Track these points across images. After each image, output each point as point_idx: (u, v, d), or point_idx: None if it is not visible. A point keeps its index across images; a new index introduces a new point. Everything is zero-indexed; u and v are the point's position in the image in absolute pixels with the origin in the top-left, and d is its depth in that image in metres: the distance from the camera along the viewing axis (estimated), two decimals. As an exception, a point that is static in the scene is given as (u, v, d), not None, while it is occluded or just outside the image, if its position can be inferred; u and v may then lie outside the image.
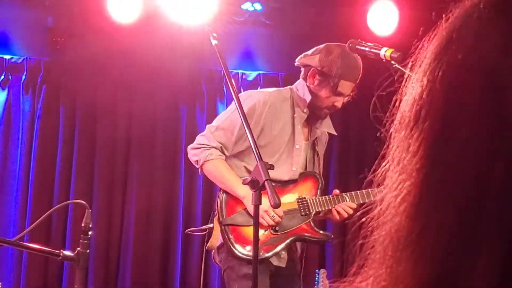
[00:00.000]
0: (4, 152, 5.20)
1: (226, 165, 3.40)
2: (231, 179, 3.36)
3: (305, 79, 3.44)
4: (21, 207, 5.15)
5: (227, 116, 3.47)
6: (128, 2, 4.89)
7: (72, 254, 2.28)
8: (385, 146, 0.62)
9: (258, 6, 5.27)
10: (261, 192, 3.35)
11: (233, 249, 3.31)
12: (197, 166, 3.44)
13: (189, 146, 3.49)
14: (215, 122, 3.48)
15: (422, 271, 0.54)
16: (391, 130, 0.61)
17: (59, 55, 5.21)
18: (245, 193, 3.29)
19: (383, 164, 0.62)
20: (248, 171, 3.39)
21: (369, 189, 3.42)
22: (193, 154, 3.44)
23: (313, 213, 3.46)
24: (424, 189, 0.55)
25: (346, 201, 3.43)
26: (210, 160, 3.37)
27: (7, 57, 5.26)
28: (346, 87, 3.38)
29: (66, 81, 5.30)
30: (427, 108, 0.56)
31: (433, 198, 0.54)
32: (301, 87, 3.49)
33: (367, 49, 2.95)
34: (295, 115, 3.48)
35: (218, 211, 3.40)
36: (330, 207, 3.44)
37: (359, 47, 3.00)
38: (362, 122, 5.47)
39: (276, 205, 2.53)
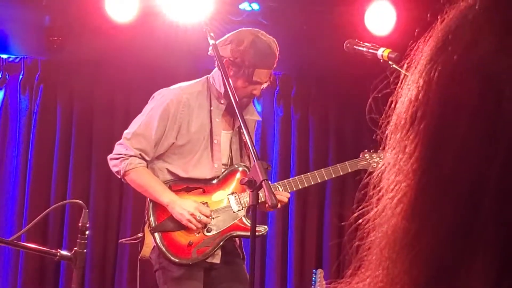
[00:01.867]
0: (1, 151, 5.20)
1: (147, 173, 3.33)
2: (153, 187, 3.30)
3: (219, 69, 3.30)
4: (18, 206, 5.15)
5: (142, 120, 3.38)
6: (125, 1, 4.89)
7: (69, 254, 2.29)
8: (381, 148, 0.62)
9: (255, 6, 5.27)
10: (184, 192, 3.34)
11: (168, 255, 3.28)
12: (119, 177, 3.38)
13: (108, 157, 3.42)
14: (130, 128, 3.40)
15: (418, 272, 0.54)
16: (387, 132, 0.61)
17: (56, 54, 5.21)
18: (169, 200, 3.26)
19: (379, 165, 0.62)
20: (171, 173, 3.36)
21: (302, 175, 3.42)
22: (113, 164, 3.37)
23: (245, 208, 3.38)
24: (420, 190, 0.55)
25: (279, 190, 3.36)
26: (130, 170, 3.29)
27: (4, 56, 5.26)
28: (262, 75, 3.31)
29: (63, 80, 5.30)
30: (423, 109, 0.56)
31: (429, 199, 0.54)
32: (217, 78, 3.39)
33: (364, 49, 2.96)
34: (211, 108, 3.39)
35: (147, 218, 3.36)
36: (262, 200, 3.38)
37: (356, 47, 3.00)
38: (358, 124, 5.47)
39: (274, 206, 2.53)
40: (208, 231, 3.32)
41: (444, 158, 0.54)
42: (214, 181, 3.38)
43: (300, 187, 3.42)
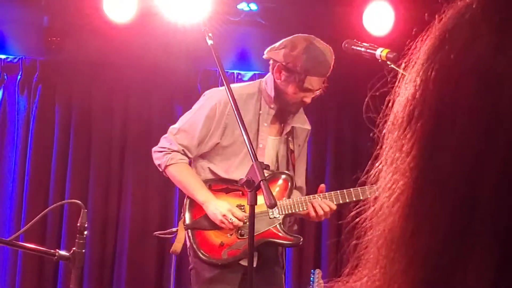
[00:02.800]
0: (-1, 152, 5.20)
1: (187, 169, 3.33)
2: (192, 184, 3.30)
3: (272, 73, 3.32)
4: (17, 206, 5.15)
5: (189, 117, 3.39)
6: (124, 1, 4.89)
7: (67, 254, 2.29)
8: (378, 147, 0.62)
9: (253, 6, 5.27)
10: (223, 193, 3.33)
11: (198, 253, 3.28)
12: (160, 170, 3.39)
13: (153, 149, 3.42)
14: (177, 124, 3.40)
15: (416, 271, 0.54)
16: (384, 130, 0.62)
17: (55, 54, 5.20)
18: (204, 198, 3.25)
19: (377, 164, 0.62)
20: (212, 173, 3.35)
21: (351, 189, 3.30)
22: (156, 157, 3.38)
23: (282, 216, 3.34)
24: (418, 189, 0.55)
25: (307, 204, 3.30)
26: (171, 165, 3.30)
27: (2, 56, 5.25)
28: (313, 82, 3.25)
29: (61, 81, 5.30)
30: (420, 108, 0.56)
31: (426, 198, 0.54)
32: (269, 82, 3.36)
33: (362, 49, 2.96)
34: (260, 112, 3.36)
35: (183, 214, 3.36)
36: (301, 209, 3.32)
37: (354, 47, 3.00)
38: (356, 123, 5.47)
39: (272, 206, 2.52)
40: (241, 235, 3.29)
41: (441, 156, 0.54)
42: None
43: (347, 200, 3.28)
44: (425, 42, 0.59)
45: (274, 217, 3.33)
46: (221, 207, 3.24)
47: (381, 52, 2.75)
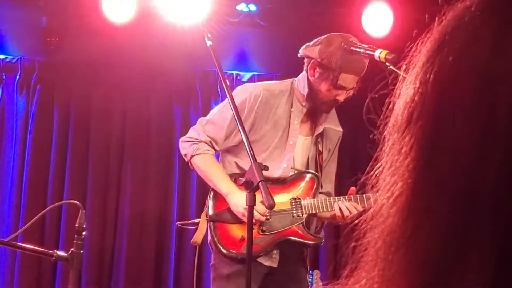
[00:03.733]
0: (-3, 152, 5.20)
1: (213, 161, 3.32)
2: (216, 175, 3.28)
3: (306, 71, 3.31)
4: (15, 207, 5.15)
5: (219, 109, 3.39)
6: (123, 2, 4.89)
7: (65, 255, 2.28)
8: (378, 149, 0.62)
9: (252, 7, 5.27)
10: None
11: (219, 246, 3.26)
12: (186, 160, 3.38)
13: (181, 139, 3.42)
14: (208, 116, 3.41)
15: (414, 273, 0.54)
16: (384, 132, 0.62)
17: (54, 55, 5.20)
18: (227, 190, 3.23)
19: (376, 166, 0.62)
20: (239, 167, 3.33)
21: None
22: (183, 147, 3.38)
23: (305, 215, 3.31)
24: (416, 191, 0.55)
25: (332, 204, 3.27)
26: (197, 155, 3.30)
27: (1, 56, 5.26)
28: (347, 80, 3.21)
29: (60, 81, 5.30)
30: (419, 110, 0.56)
31: (425, 200, 0.54)
32: (302, 80, 3.35)
33: (362, 50, 2.96)
34: (292, 109, 3.35)
35: (206, 206, 3.34)
36: (325, 210, 3.29)
37: (353, 48, 3.00)
38: (355, 125, 5.47)
39: (270, 206, 2.51)
40: (262, 230, 3.26)
41: (439, 158, 0.54)
42: (284, 183, 3.33)
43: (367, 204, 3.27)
44: (425, 44, 0.59)
45: (298, 216, 3.29)
46: (244, 200, 3.21)
47: (380, 53, 2.76)
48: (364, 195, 3.28)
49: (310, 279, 3.98)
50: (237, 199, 3.20)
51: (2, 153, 5.21)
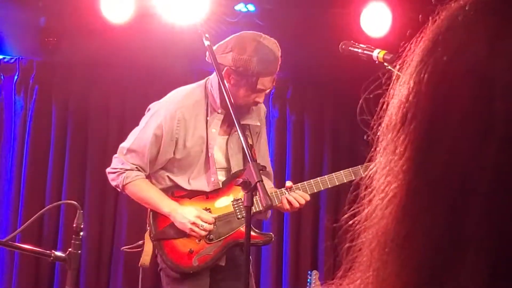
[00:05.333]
0: (-4, 152, 5.19)
1: (146, 184, 3.25)
2: (153, 197, 3.22)
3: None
4: (13, 207, 5.14)
5: (136, 136, 3.30)
6: (121, 2, 4.88)
7: (63, 255, 2.28)
8: (372, 149, 0.62)
9: (251, 7, 5.27)
10: (187, 198, 3.25)
11: (168, 263, 3.22)
12: (119, 190, 3.33)
13: (107, 170, 3.36)
14: (125, 143, 3.32)
15: (408, 274, 0.54)
16: (378, 133, 0.61)
17: (52, 55, 5.19)
18: (169, 209, 3.19)
19: (371, 167, 0.62)
20: (172, 181, 3.28)
21: (318, 178, 3.26)
22: (111, 179, 3.32)
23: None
24: (411, 191, 0.55)
25: (280, 197, 3.23)
26: (128, 184, 3.23)
27: (-1, 57, 5.26)
28: (266, 82, 3.14)
29: (58, 82, 5.29)
30: (414, 110, 0.56)
31: (419, 200, 0.54)
32: (215, 85, 3.21)
33: (359, 50, 2.96)
34: (208, 118, 3.25)
35: (148, 225, 3.28)
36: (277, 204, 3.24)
37: (351, 48, 3.00)
38: (353, 126, 5.47)
39: (268, 207, 2.51)
40: (209, 239, 3.21)
41: (434, 159, 0.54)
42: (220, 189, 3.28)
43: (315, 190, 3.28)
44: (419, 44, 0.59)
45: (242, 217, 3.19)
46: (188, 215, 3.17)
47: (378, 54, 2.75)
48: (312, 180, 3.27)
49: (308, 279, 3.98)
50: (182, 216, 3.17)
51: (0, 153, 5.20)
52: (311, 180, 3.30)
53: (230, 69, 3.11)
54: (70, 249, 2.28)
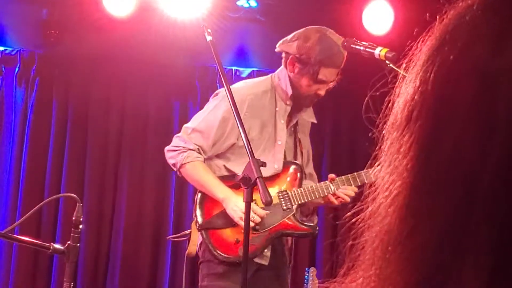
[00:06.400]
0: (-5, 144, 5.19)
1: (204, 167, 3.26)
2: (209, 181, 3.23)
3: (285, 66, 3.28)
4: (12, 200, 5.14)
5: (203, 117, 3.33)
6: (123, -4, 4.88)
7: (62, 248, 2.28)
8: (377, 147, 0.62)
9: (253, 3, 5.27)
10: (233, 189, 3.24)
11: (215, 253, 3.21)
12: (175, 169, 3.32)
13: (166, 148, 3.34)
14: (191, 123, 3.35)
15: (411, 272, 0.54)
16: (383, 131, 0.61)
17: (53, 47, 5.19)
18: (224, 195, 3.19)
19: (375, 165, 0.62)
20: (228, 170, 3.30)
21: (362, 171, 3.26)
22: (170, 156, 3.31)
23: (295, 206, 3.28)
24: (414, 190, 0.55)
25: (331, 189, 3.25)
26: (187, 163, 3.24)
27: (1, 48, 5.25)
28: (328, 74, 3.20)
29: (59, 74, 5.29)
30: (419, 109, 0.56)
31: (423, 199, 0.54)
32: (283, 77, 3.31)
33: (361, 48, 2.95)
34: (277, 109, 3.32)
35: (195, 215, 3.29)
36: (313, 198, 3.27)
37: (353, 46, 2.99)
38: (354, 123, 5.47)
39: (268, 203, 2.51)
40: (255, 230, 3.20)
41: (438, 157, 0.54)
42: (266, 178, 3.30)
43: (359, 183, 3.25)
44: (426, 42, 0.59)
45: (288, 208, 3.27)
46: (241, 205, 3.14)
47: (380, 51, 2.75)
48: (355, 173, 3.27)
49: (305, 276, 3.98)
50: (234, 204, 3.17)
51: (0, 145, 5.20)
52: (355, 173, 3.29)
53: (294, 57, 3.22)
54: (69, 242, 2.28)
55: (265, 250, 3.28)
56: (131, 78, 5.35)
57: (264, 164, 2.55)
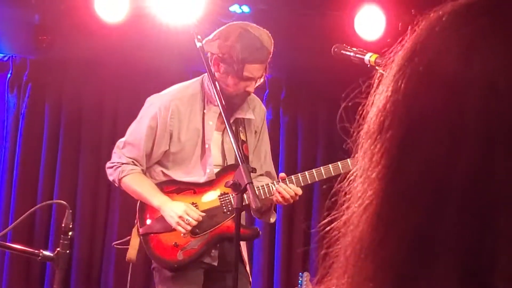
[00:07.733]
0: (-12, 150, 5.18)
1: (139, 178, 3.30)
2: (144, 191, 3.27)
3: (212, 66, 3.22)
4: (4, 206, 5.12)
5: (133, 129, 3.38)
6: (116, 1, 4.88)
7: (51, 255, 2.28)
8: (351, 156, 0.63)
9: (246, 9, 5.27)
10: (175, 194, 3.29)
11: (155, 258, 3.27)
12: (116, 185, 3.39)
13: (106, 166, 3.42)
14: (124, 137, 3.40)
15: (382, 280, 0.54)
16: (357, 140, 0.62)
17: (45, 53, 5.18)
18: (159, 202, 3.23)
19: (349, 174, 0.62)
20: (166, 176, 3.32)
21: (313, 170, 3.27)
22: (109, 174, 3.38)
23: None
24: (385, 199, 0.55)
25: (272, 190, 3.23)
26: (123, 177, 3.29)
27: (-8, 55, 5.24)
28: (253, 70, 3.15)
29: (51, 80, 5.28)
30: (390, 119, 0.57)
31: (393, 208, 0.55)
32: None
33: (352, 54, 2.96)
34: (205, 111, 3.29)
35: (136, 221, 3.34)
36: (267, 196, 3.25)
37: (344, 52, 3.00)
38: (330, 132, 5.48)
39: (258, 209, 2.53)
40: (194, 233, 3.23)
41: (409, 167, 0.54)
42: (208, 182, 3.31)
43: (309, 182, 3.28)
44: (398, 52, 0.60)
45: (228, 211, 3.26)
46: (176, 209, 3.20)
47: (369, 57, 2.75)
48: (299, 174, 3.26)
49: (299, 281, 3.99)
50: (170, 209, 3.20)
51: (-7, 151, 5.19)
52: (306, 172, 3.30)
53: (217, 56, 3.17)
54: (58, 249, 2.28)
55: (212, 251, 3.29)
56: (124, 83, 5.35)
57: (254, 170, 2.56)
